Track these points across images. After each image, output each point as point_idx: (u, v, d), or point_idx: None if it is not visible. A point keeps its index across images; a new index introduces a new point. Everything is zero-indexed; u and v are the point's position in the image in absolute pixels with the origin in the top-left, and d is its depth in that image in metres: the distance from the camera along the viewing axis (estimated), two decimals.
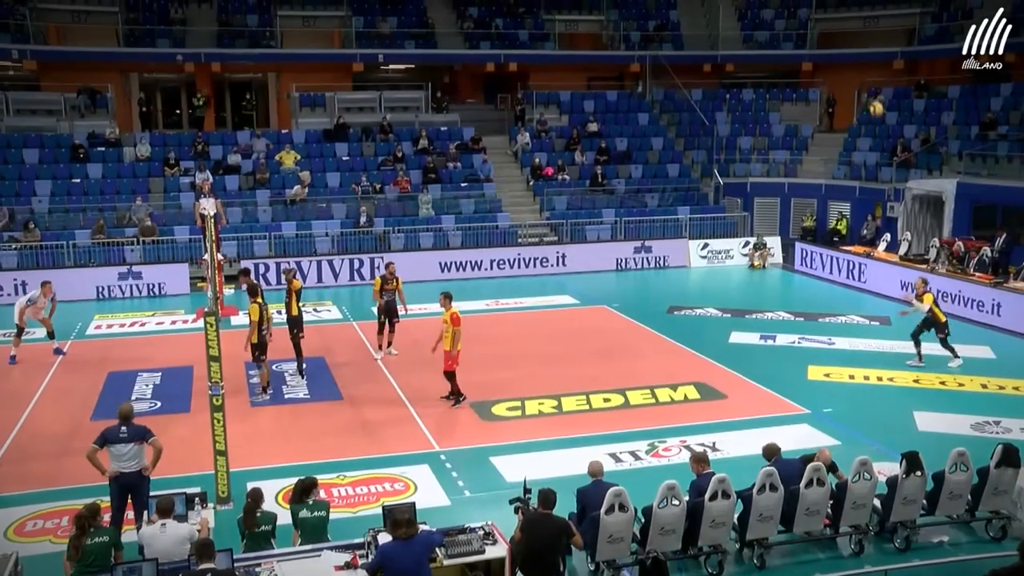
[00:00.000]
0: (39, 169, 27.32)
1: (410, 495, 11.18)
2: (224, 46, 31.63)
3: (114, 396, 15.06)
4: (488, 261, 26.32)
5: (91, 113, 30.25)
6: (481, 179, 29.62)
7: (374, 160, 29.76)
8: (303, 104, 32.10)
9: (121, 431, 9.70)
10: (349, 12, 33.31)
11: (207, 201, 18.55)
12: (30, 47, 29.72)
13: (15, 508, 10.96)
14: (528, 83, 34.15)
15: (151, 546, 8.33)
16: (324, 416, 14.37)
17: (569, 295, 23.69)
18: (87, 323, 20.79)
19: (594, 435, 13.28)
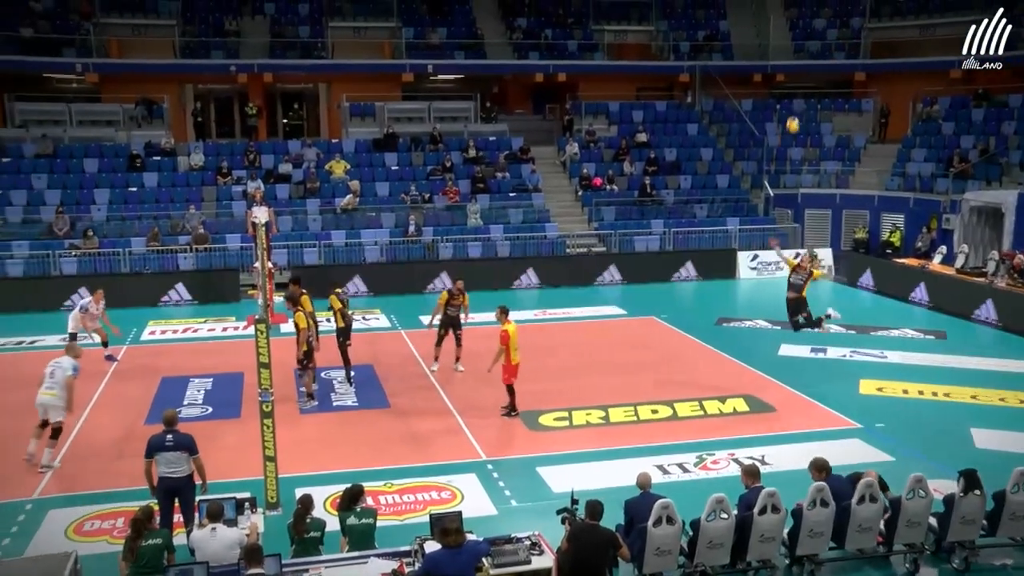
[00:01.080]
0: (98, 178, 27.97)
1: (457, 504, 11.20)
2: (276, 57, 32.12)
3: (167, 401, 15.34)
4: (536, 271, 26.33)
5: (148, 123, 30.93)
6: (529, 189, 29.67)
7: (423, 170, 29.96)
8: (353, 114, 32.45)
9: (167, 440, 9.84)
10: (399, 23, 33.63)
11: (259, 209, 18.80)
12: (93, 60, 30.45)
13: (74, 508, 11.19)
14: (577, 93, 34.16)
15: (202, 549, 8.44)
16: (372, 424, 14.46)
17: (616, 306, 23.59)
18: (141, 329, 21.17)
19: (642, 447, 13.20)
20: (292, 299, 15.47)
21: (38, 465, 12.50)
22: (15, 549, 10.10)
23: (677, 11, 36.66)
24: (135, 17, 32.17)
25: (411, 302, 23.59)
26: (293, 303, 15.40)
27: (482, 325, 18.08)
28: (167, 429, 9.93)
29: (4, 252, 24.53)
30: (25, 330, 20.44)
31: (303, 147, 30.22)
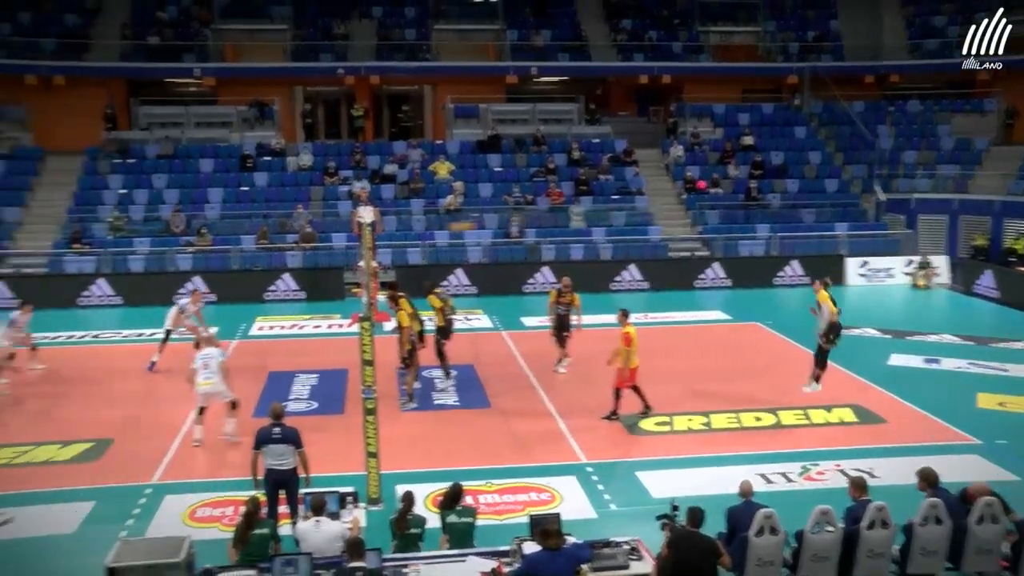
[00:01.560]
0: (212, 178, 29.03)
1: (556, 506, 11.20)
2: (383, 59, 32.70)
3: (274, 395, 15.76)
4: (638, 273, 26.14)
5: (259, 124, 31.88)
6: (633, 192, 29.47)
7: (526, 171, 30.08)
8: (457, 115, 32.80)
9: (274, 432, 10.11)
10: (504, 25, 33.85)
11: (365, 209, 19.16)
12: (210, 65, 31.63)
13: (188, 495, 11.64)
14: (681, 95, 33.77)
15: (306, 540, 8.65)
16: (472, 423, 14.58)
17: (720, 310, 23.23)
18: (250, 325, 21.84)
19: (744, 454, 12.96)
20: (393, 298, 15.71)
21: (222, 439, 13.50)
22: (137, 529, 10.58)
23: (786, 11, 35.85)
24: (250, 22, 33.24)
25: (512, 303, 23.71)
26: (394, 302, 15.65)
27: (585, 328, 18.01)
28: (274, 422, 10.21)
29: (127, 248, 25.69)
30: (146, 323, 21.29)
31: (408, 148, 30.71)
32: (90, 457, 13.11)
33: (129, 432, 14.14)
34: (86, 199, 27.82)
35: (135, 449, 13.41)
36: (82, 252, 25.26)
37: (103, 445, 13.52)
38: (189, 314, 18.34)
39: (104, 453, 13.26)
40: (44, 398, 16.27)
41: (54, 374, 17.63)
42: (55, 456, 13.14)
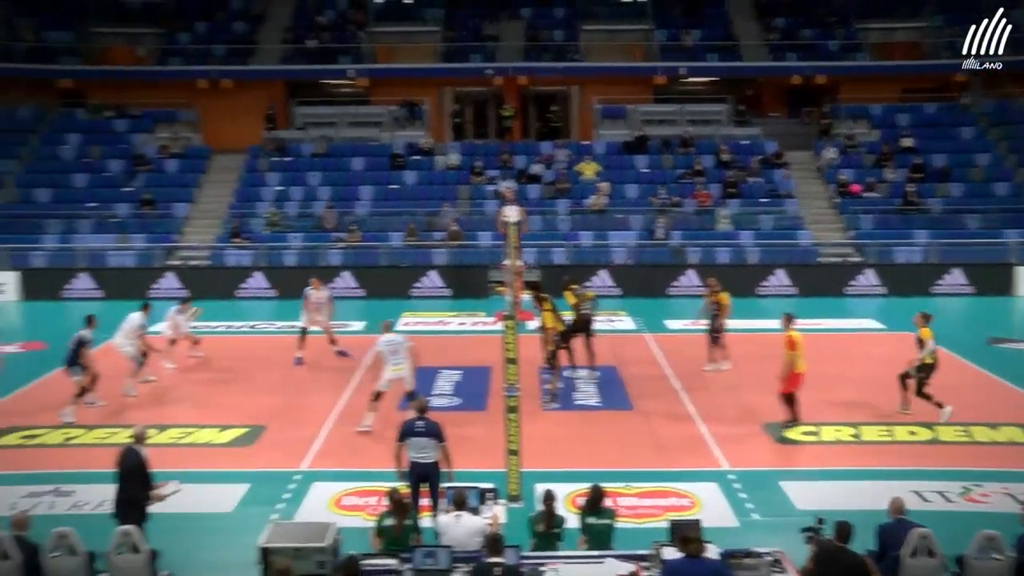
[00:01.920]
0: (363, 176, 29.97)
1: (696, 512, 11.01)
2: (531, 60, 32.95)
3: (418, 390, 16.08)
4: (786, 278, 25.41)
5: (409, 124, 32.70)
6: (782, 195, 28.66)
7: (673, 173, 29.72)
8: (605, 116, 32.70)
9: (417, 425, 10.32)
10: (652, 25, 33.53)
11: (511, 208, 19.32)
12: (364, 66, 32.66)
13: (335, 483, 12.05)
14: (836, 96, 32.57)
15: (446, 534, 8.79)
16: (613, 425, 14.50)
17: (873, 319, 22.31)
18: (396, 320, 22.37)
19: (897, 469, 12.38)
20: (538, 298, 15.77)
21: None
22: (287, 513, 11.04)
23: (955, 3, 33.85)
24: (403, 24, 34.13)
25: (656, 305, 23.48)
26: (539, 301, 15.71)
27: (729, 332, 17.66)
28: (418, 416, 10.42)
29: (282, 243, 26.83)
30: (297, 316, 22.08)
31: (554, 148, 30.84)
32: (245, 442, 13.77)
33: (281, 420, 14.76)
34: (246, 196, 29.24)
35: (286, 436, 13.99)
36: (241, 246, 26.54)
37: (257, 431, 14.17)
38: (317, 305, 18.85)
39: (258, 439, 13.89)
40: (205, 384, 17.20)
41: (214, 362, 18.60)
42: (214, 439, 13.86)
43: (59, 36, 33.52)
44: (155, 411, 15.09)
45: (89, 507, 11.15)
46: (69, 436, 13.93)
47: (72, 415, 14.55)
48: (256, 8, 34.76)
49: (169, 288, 25.26)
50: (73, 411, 14.61)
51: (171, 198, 29.16)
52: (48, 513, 10.93)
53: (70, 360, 14.84)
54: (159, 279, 25.47)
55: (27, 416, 14.75)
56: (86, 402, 14.92)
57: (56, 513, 10.96)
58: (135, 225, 27.98)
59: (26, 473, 12.40)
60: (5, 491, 11.65)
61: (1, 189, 29.76)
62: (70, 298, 25.37)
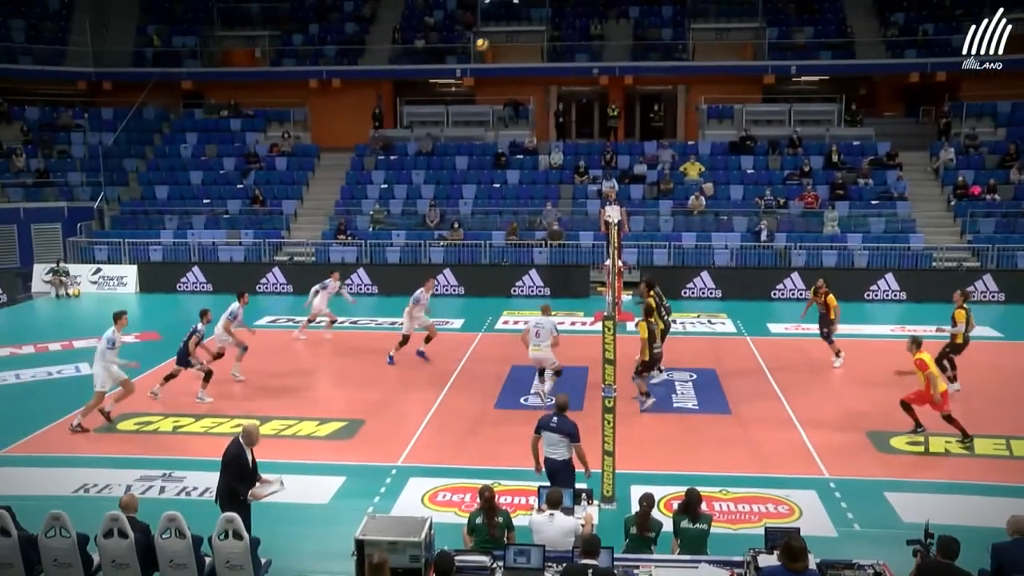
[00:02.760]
0: (467, 174, 30.27)
1: (794, 520, 10.75)
2: (638, 59, 32.71)
3: (515, 387, 16.29)
4: (896, 283, 24.61)
5: (514, 124, 32.91)
6: (894, 196, 27.72)
7: (779, 174, 29.09)
8: (710, 116, 32.26)
9: (552, 421, 10.41)
10: (763, 23, 32.87)
11: (612, 208, 19.20)
12: (470, 66, 33.02)
13: (430, 479, 12.18)
14: (958, 93, 31.30)
15: (539, 533, 8.80)
16: (711, 428, 14.28)
17: (991, 327, 21.38)
18: (496, 318, 22.57)
19: (1015, 486, 11.81)
20: (648, 311, 15.58)
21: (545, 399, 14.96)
22: (383, 507, 11.22)
23: None
24: (510, 24, 34.35)
25: (759, 308, 23.01)
26: (647, 314, 15.51)
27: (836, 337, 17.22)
28: (556, 412, 10.50)
29: (386, 240, 27.32)
30: (398, 312, 22.45)
31: (659, 148, 30.55)
32: (344, 435, 14.07)
33: (380, 415, 15.04)
34: (352, 193, 29.88)
35: (384, 431, 14.24)
36: (345, 243, 27.14)
37: (356, 425, 14.46)
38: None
39: (357, 432, 14.18)
40: (308, 377, 17.66)
41: (317, 356, 19.08)
42: (315, 432, 14.21)
43: (184, 40, 35.01)
44: (259, 403, 15.55)
45: (196, 493, 11.60)
46: (179, 424, 14.50)
47: (208, 396, 15.45)
48: (367, 9, 35.52)
49: (276, 283, 26.07)
50: (206, 393, 15.48)
51: (280, 195, 30.04)
52: (159, 497, 11.43)
53: (181, 354, 15.47)
54: (266, 274, 26.27)
55: (143, 403, 15.40)
56: (151, 392, 15.49)
57: (166, 497, 11.45)
58: (245, 221, 28.93)
59: (140, 457, 12.97)
60: (120, 474, 12.22)
61: (127, 187, 31.28)
62: (183, 291, 26.44)
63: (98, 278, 26.82)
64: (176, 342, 15.88)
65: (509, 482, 11.69)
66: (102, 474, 12.26)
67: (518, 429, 14.19)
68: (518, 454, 12.92)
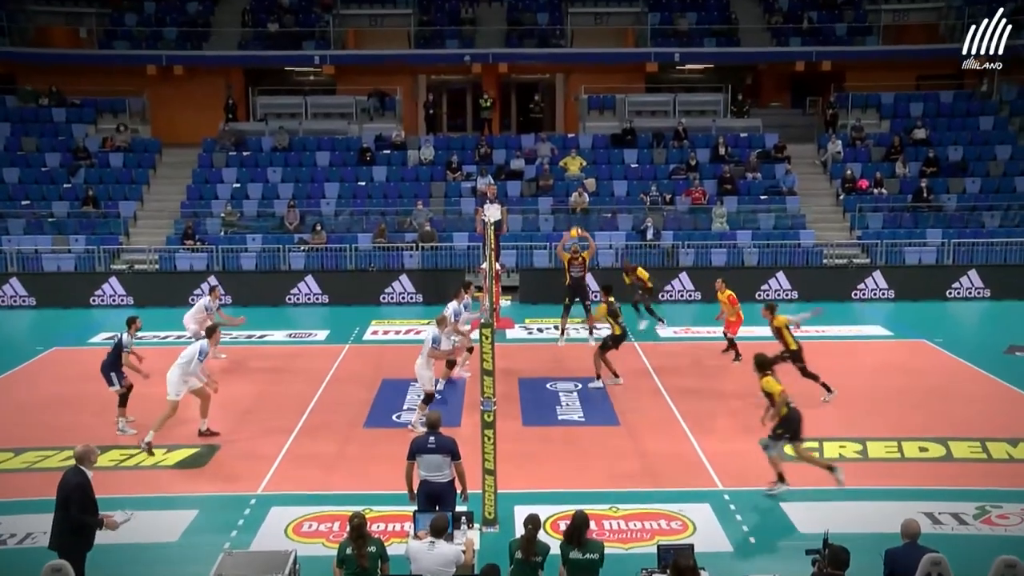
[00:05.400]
0: (329, 172, 29.90)
1: (688, 536, 11.01)
2: (512, 46, 32.99)
3: (387, 404, 16.16)
4: (786, 281, 25.56)
5: (380, 116, 32.68)
6: (783, 191, 28.80)
7: (665, 168, 29.81)
8: (591, 107, 32.80)
9: (429, 442, 10.28)
10: (645, 8, 33.63)
11: (491, 207, 19.26)
12: (330, 52, 32.62)
13: (293, 508, 11.95)
14: (843, 84, 32.80)
15: (417, 561, 8.74)
16: (598, 442, 14.49)
17: (881, 325, 22.43)
18: (364, 328, 22.34)
19: (906, 488, 12.44)
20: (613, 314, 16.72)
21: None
22: (241, 542, 10.93)
23: None
24: (374, 7, 34.13)
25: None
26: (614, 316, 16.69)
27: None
28: (430, 431, 10.41)
29: (239, 245, 26.71)
30: (257, 324, 22.00)
31: (537, 142, 30.86)
32: (195, 463, 13.66)
33: (236, 438, 14.66)
34: (200, 193, 29.10)
35: (241, 456, 13.90)
36: (194, 249, 26.39)
37: (209, 451, 14.07)
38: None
39: (210, 460, 13.79)
40: (151, 399, 16.97)
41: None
42: (161, 461, 13.73)
43: None
44: (94, 431, 14.90)
45: (14, 541, 10.95)
46: None
47: (126, 426, 14.98)
48: None
49: (113, 295, 25.10)
50: (125, 423, 15.01)
51: (116, 195, 28.96)
52: None
53: (110, 366, 15.03)
54: (101, 285, 25.25)
55: None
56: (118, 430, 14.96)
57: None
58: (74, 225, 27.75)
59: None
60: None
61: None
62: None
63: None
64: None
65: (382, 508, 11.62)
66: None
67: (391, 448, 14.07)
68: (391, 476, 12.77)
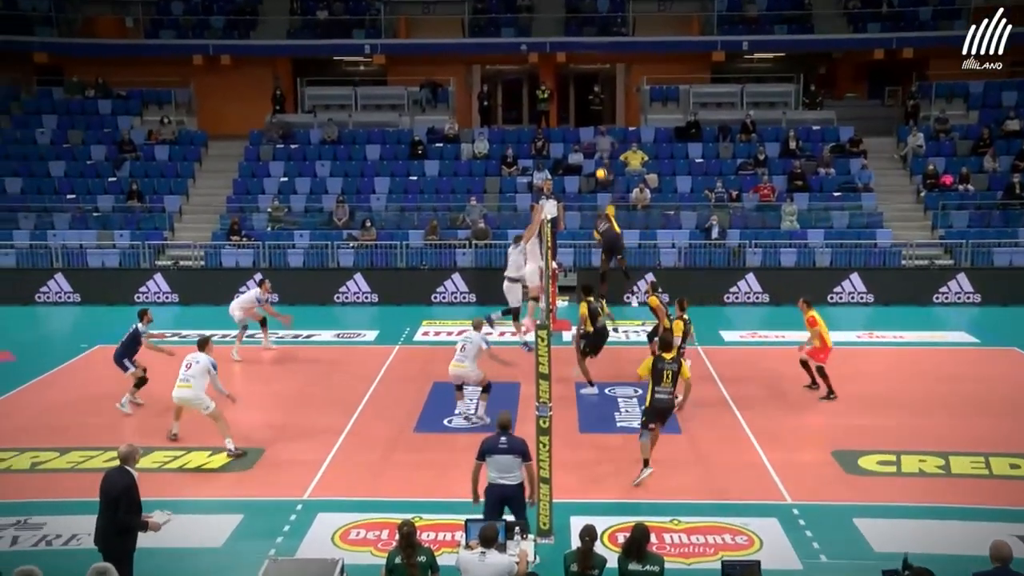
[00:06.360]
0: (379, 166, 30.08)
1: (754, 552, 10.90)
2: (571, 35, 32.94)
3: (438, 408, 16.19)
4: (862, 284, 25.18)
5: (432, 108, 32.83)
6: (859, 188, 28.38)
7: (731, 163, 29.56)
8: (654, 98, 32.63)
9: (501, 442, 10.44)
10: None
11: (548, 203, 19.22)
12: (381, 41, 32.82)
13: (341, 514, 12.03)
14: (926, 72, 32.18)
15: (468, 572, 8.75)
16: (659, 450, 14.34)
17: (966, 332, 22.00)
18: (415, 329, 22.43)
19: (995, 508, 12.14)
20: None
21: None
22: (287, 548, 11.05)
23: None
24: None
25: (710, 314, 23.28)
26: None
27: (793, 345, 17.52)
28: (501, 431, 10.53)
29: (287, 242, 26.97)
30: (304, 323, 22.18)
31: (596, 135, 30.77)
32: (241, 466, 13.80)
33: (282, 441, 14.80)
34: (246, 187, 29.44)
35: (288, 460, 14.03)
36: (240, 245, 26.70)
37: (254, 454, 14.21)
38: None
39: (256, 463, 13.94)
40: None
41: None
42: (206, 463, 13.91)
43: (35, 3, 33.97)
44: (139, 431, 15.15)
45: (59, 541, 11.22)
46: (38, 460, 14.02)
47: (129, 407, 15.99)
48: None
49: (158, 292, 25.50)
50: (129, 400, 16.06)
51: (161, 189, 29.45)
52: (10, 549, 11.02)
53: (123, 354, 16.15)
54: (146, 281, 25.69)
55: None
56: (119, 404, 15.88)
57: (20, 549, 11.04)
58: (119, 220, 28.26)
59: None
60: None
61: None
62: (44, 303, 25.61)
63: None
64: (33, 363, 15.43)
65: (432, 516, 11.65)
66: None
67: (441, 455, 14.19)
68: (442, 483, 12.88)
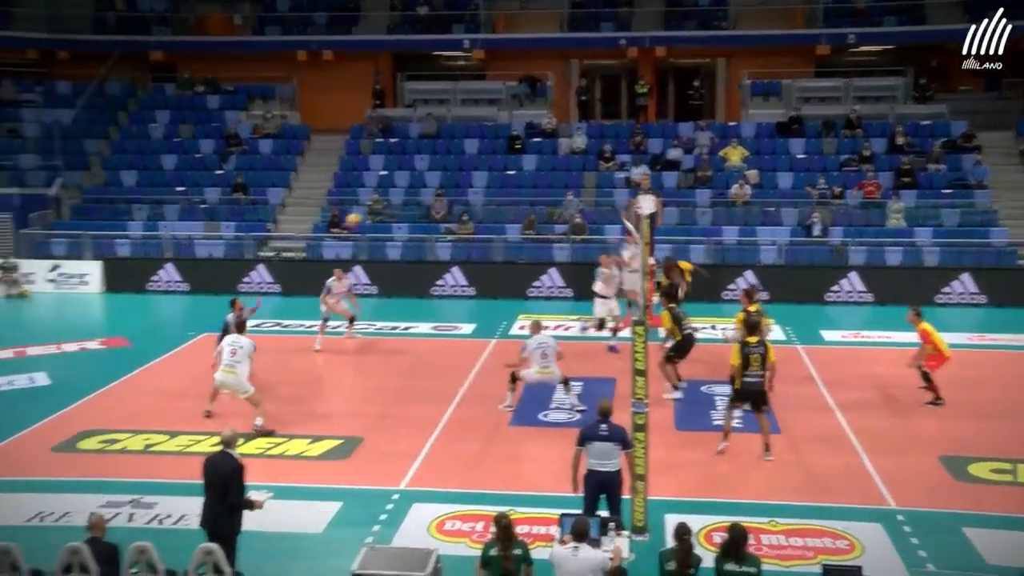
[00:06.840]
0: (477, 160, 30.30)
1: (855, 557, 10.71)
2: (671, 28, 32.69)
3: (533, 402, 16.22)
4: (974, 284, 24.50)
5: (530, 102, 32.89)
6: (972, 185, 27.56)
7: (835, 159, 29.01)
8: (755, 93, 32.24)
9: (601, 429, 10.60)
10: None
11: (645, 199, 19.15)
12: (480, 36, 33.01)
13: (437, 505, 12.20)
14: None
15: (561, 567, 8.78)
16: (757, 449, 14.21)
17: None
18: (510, 323, 22.54)
19: None
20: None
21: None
22: (383, 537, 11.24)
23: None
24: None
25: (811, 313, 22.96)
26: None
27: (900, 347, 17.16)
28: (601, 419, 10.67)
29: (385, 235, 27.35)
30: (401, 315, 22.50)
31: (696, 130, 30.48)
32: (340, 455, 14.09)
33: (380, 431, 15.07)
34: (347, 180, 29.94)
35: (385, 450, 14.26)
36: (340, 237, 27.16)
37: (353, 443, 14.48)
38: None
39: (354, 452, 14.20)
40: (297, 386, 17.61)
41: (304, 366, 19.11)
42: (306, 451, 14.23)
43: (152, 5, 35.13)
44: (242, 418, 15.51)
45: (170, 521, 11.64)
46: (150, 442, 14.53)
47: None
48: None
49: (261, 282, 26.10)
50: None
51: (265, 182, 30.15)
52: (126, 525, 11.47)
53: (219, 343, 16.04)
54: (249, 272, 26.35)
55: (108, 419, 15.44)
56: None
57: (135, 526, 11.49)
58: (225, 212, 29.03)
59: (104, 480, 13.01)
60: (81, 499, 12.22)
61: (87, 171, 31.37)
62: (155, 291, 26.46)
63: (56, 276, 26.88)
64: (145, 349, 15.92)
65: (527, 509, 11.71)
66: (60, 500, 12.31)
67: (536, 448, 14.29)
68: (536, 476, 12.96)
